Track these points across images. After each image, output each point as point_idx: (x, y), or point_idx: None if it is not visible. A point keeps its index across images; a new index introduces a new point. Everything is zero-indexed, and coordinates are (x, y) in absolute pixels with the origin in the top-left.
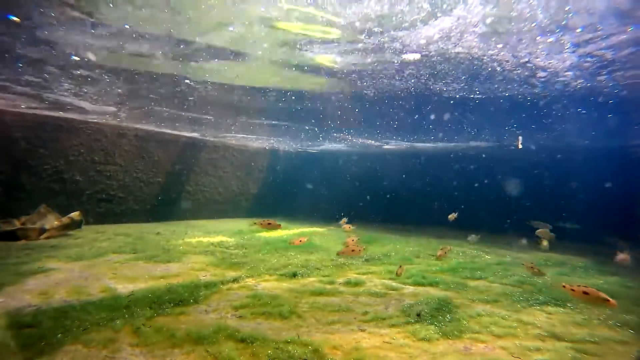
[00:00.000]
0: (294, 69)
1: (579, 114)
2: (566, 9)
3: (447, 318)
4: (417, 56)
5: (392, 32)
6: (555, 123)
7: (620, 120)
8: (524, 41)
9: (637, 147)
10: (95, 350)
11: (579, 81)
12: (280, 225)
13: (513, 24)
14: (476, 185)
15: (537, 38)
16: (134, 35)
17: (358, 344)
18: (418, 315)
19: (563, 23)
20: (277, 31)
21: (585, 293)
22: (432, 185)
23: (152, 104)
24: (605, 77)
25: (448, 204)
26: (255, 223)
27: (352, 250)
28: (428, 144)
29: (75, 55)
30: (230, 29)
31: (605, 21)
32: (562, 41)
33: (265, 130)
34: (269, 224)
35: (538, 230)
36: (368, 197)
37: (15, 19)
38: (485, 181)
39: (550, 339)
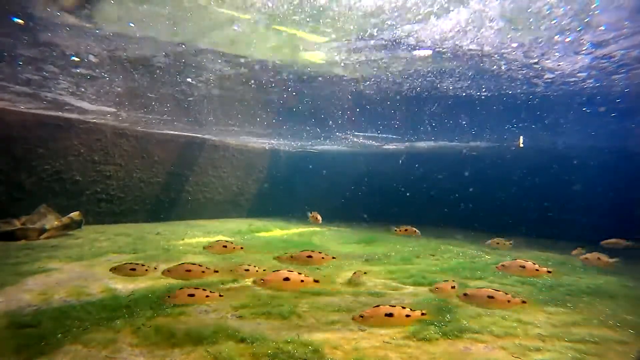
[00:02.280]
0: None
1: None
2: (592, 6)
3: (447, 318)
4: (428, 52)
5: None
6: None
7: None
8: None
9: None
10: (95, 350)
11: None
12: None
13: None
14: (476, 185)
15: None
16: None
17: (358, 344)
18: None
19: (586, 20)
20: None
21: (522, 267)
22: (433, 185)
23: (153, 103)
24: None
25: (448, 203)
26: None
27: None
28: (429, 144)
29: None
30: (235, 27)
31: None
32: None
33: (265, 128)
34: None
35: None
36: (368, 197)
37: (19, 21)
38: (486, 181)
39: (550, 339)
